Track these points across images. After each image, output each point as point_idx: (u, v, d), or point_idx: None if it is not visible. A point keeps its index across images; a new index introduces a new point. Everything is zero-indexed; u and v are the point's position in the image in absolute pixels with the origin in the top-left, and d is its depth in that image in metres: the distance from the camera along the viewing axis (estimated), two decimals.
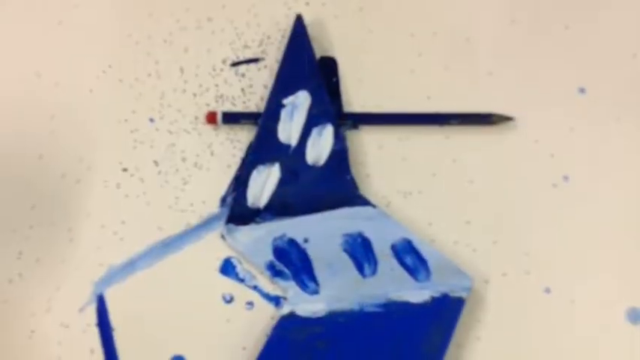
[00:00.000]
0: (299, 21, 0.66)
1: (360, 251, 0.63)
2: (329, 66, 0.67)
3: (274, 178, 0.64)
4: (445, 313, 0.62)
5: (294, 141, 0.65)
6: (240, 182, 0.64)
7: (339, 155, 0.64)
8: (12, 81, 0.66)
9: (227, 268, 0.64)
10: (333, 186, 0.64)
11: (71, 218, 0.64)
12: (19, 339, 0.62)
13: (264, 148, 0.64)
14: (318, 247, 0.63)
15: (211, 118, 0.65)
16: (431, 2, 0.68)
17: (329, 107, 0.65)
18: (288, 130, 0.65)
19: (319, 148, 0.64)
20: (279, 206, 0.64)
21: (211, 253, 0.64)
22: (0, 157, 0.65)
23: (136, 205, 0.65)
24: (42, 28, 0.67)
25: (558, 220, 0.65)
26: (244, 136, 0.66)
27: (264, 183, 0.64)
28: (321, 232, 0.63)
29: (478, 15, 0.68)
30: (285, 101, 0.65)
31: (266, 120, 0.65)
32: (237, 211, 0.64)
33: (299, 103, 0.65)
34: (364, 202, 0.64)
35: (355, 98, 0.67)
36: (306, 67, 0.65)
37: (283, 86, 0.65)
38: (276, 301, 0.63)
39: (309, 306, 0.62)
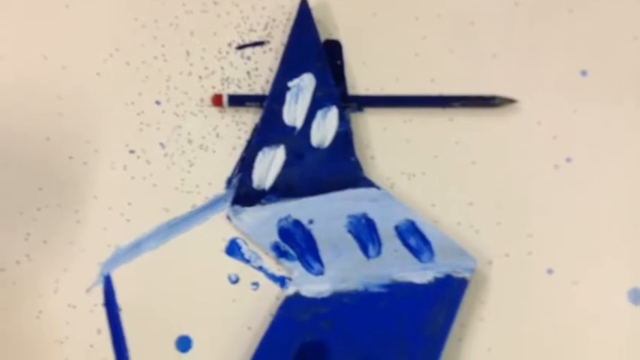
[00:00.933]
0: (304, 4, 0.64)
1: (365, 232, 0.61)
2: (334, 49, 0.65)
3: (279, 159, 0.62)
4: (448, 294, 0.60)
5: (299, 123, 0.63)
6: (245, 164, 0.63)
7: (344, 137, 0.63)
8: (19, 64, 0.64)
9: (233, 248, 0.62)
10: (338, 168, 0.62)
11: (78, 200, 0.62)
12: (27, 319, 0.61)
13: (270, 130, 0.63)
14: (323, 228, 0.61)
15: (217, 100, 0.64)
16: None
17: (334, 90, 0.63)
18: (293, 113, 0.63)
19: (324, 130, 0.63)
20: (285, 188, 0.62)
21: (217, 234, 0.62)
22: (8, 139, 0.63)
23: (143, 186, 0.63)
24: (49, 11, 0.65)
25: (561, 201, 0.63)
26: (250, 118, 0.64)
27: (270, 165, 0.62)
28: (325, 213, 0.62)
29: None
30: (291, 84, 0.63)
31: (271, 102, 0.63)
32: (243, 192, 0.62)
33: (304, 85, 0.63)
34: (368, 183, 0.62)
35: (360, 81, 0.65)
36: (311, 50, 0.64)
37: (288, 69, 0.64)
38: (281, 281, 0.62)
39: (314, 286, 0.61)
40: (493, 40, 0.66)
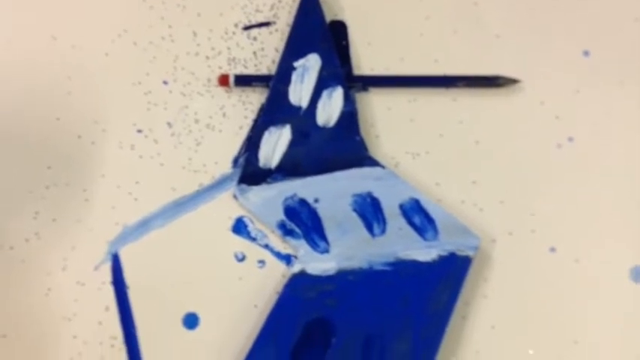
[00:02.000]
0: None
1: (370, 211, 0.59)
2: (339, 29, 0.63)
3: (285, 139, 0.60)
4: (452, 272, 0.57)
5: (304, 103, 0.60)
6: (251, 143, 0.60)
7: (349, 117, 0.60)
8: (29, 45, 0.62)
9: (239, 227, 0.59)
10: (343, 147, 0.60)
11: (86, 179, 0.60)
12: (36, 297, 0.58)
13: (276, 110, 0.60)
14: (329, 207, 0.59)
15: (224, 80, 0.61)
16: None
17: (339, 70, 0.61)
18: (299, 93, 0.60)
19: (329, 109, 0.60)
20: (290, 167, 0.59)
21: (224, 212, 0.60)
22: (17, 119, 0.60)
23: (150, 165, 0.60)
24: None
25: (564, 180, 0.61)
26: (256, 98, 0.62)
27: (276, 144, 0.60)
28: (331, 192, 0.59)
29: None
30: (296, 64, 0.61)
31: (277, 82, 0.61)
32: (249, 171, 0.59)
33: (309, 65, 0.61)
34: (373, 162, 0.59)
35: (364, 61, 0.63)
36: (317, 30, 0.62)
37: (294, 49, 0.61)
38: (287, 259, 0.59)
39: (320, 264, 0.58)
40: (496, 20, 0.63)
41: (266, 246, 0.59)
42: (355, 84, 0.62)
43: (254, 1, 0.63)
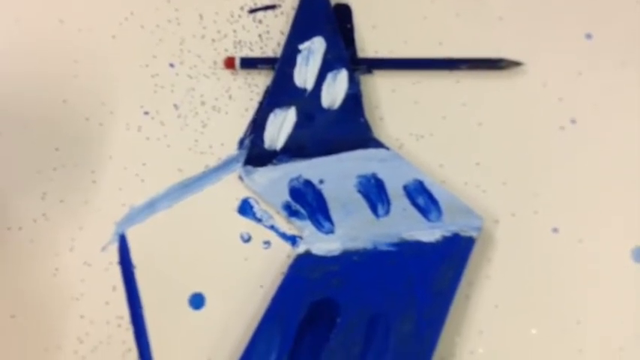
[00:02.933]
0: None
1: (374, 192, 0.57)
2: (343, 12, 0.61)
3: (290, 121, 0.58)
4: (456, 252, 0.55)
5: (309, 85, 0.58)
6: (257, 125, 0.58)
7: (354, 99, 0.58)
8: (37, 28, 0.60)
9: (245, 208, 0.57)
10: (348, 129, 0.58)
11: (94, 160, 0.58)
12: (44, 277, 0.56)
13: (281, 92, 0.58)
14: (333, 188, 0.57)
15: (229, 63, 0.59)
16: None
17: (343, 52, 0.59)
18: (304, 75, 0.59)
19: (334, 92, 0.58)
20: (296, 148, 0.57)
21: (229, 193, 0.58)
22: (26, 101, 0.58)
23: (157, 147, 0.58)
24: None
25: (566, 161, 0.59)
26: (261, 80, 0.60)
27: (281, 126, 0.58)
28: (336, 173, 0.57)
29: None
30: (301, 47, 0.59)
31: (282, 65, 0.59)
32: (255, 153, 0.58)
33: (314, 48, 0.59)
34: (378, 144, 0.57)
35: (369, 44, 0.61)
36: (322, 13, 0.60)
37: (299, 32, 0.59)
38: (292, 240, 0.57)
39: (325, 245, 0.56)
40: (499, 3, 0.62)
41: (271, 227, 0.57)
42: (360, 66, 0.60)
43: None
